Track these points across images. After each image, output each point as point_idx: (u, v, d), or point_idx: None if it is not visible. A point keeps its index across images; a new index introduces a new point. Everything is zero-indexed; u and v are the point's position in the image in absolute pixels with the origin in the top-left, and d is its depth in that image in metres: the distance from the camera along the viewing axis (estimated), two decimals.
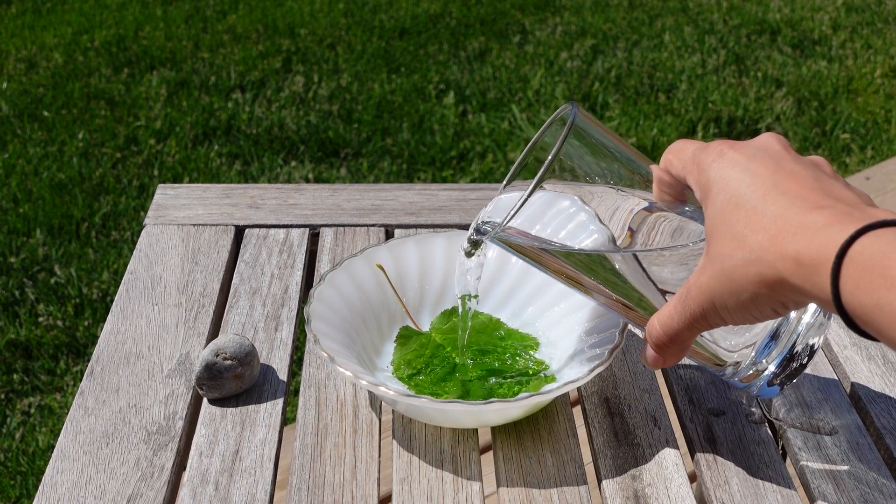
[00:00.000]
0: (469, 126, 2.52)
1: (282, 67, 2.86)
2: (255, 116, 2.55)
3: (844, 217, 0.39)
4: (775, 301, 0.42)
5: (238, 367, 0.56)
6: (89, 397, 0.58)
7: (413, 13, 3.25)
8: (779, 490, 0.52)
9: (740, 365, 0.52)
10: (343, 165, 2.34)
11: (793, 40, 3.08)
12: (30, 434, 1.55)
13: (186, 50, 2.97)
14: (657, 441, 0.55)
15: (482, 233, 0.52)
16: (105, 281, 1.89)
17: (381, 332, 0.60)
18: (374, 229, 0.75)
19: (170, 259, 0.71)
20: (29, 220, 2.09)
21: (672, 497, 0.51)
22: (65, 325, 1.77)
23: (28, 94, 2.67)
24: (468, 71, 2.85)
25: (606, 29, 3.16)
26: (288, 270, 0.70)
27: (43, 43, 3.01)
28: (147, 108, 2.59)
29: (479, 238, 0.52)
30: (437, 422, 0.55)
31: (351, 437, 0.55)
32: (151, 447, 0.54)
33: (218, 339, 0.57)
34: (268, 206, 0.78)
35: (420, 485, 0.52)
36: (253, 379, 0.57)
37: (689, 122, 2.54)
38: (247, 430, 0.55)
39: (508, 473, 0.53)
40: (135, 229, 2.06)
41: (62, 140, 2.43)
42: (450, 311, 0.61)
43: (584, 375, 0.52)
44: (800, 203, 0.41)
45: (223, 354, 0.56)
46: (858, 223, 0.38)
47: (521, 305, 0.62)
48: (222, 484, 0.52)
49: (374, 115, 2.56)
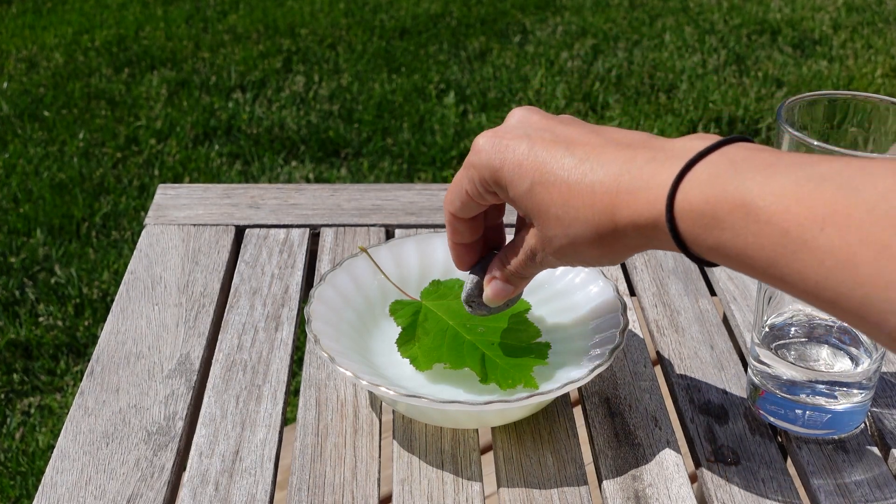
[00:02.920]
0: (469, 126, 2.52)
1: (282, 67, 2.86)
2: (255, 116, 2.55)
3: (653, 164, 0.40)
4: (628, 251, 0.43)
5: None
6: (89, 397, 0.58)
7: (413, 13, 3.25)
8: (780, 490, 0.52)
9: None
10: (343, 165, 2.34)
11: (793, 40, 3.08)
12: (30, 434, 1.55)
13: (187, 50, 2.97)
14: (658, 441, 0.55)
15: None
16: (105, 281, 1.89)
17: (381, 332, 0.60)
18: (374, 229, 0.75)
19: (170, 259, 0.71)
20: (29, 219, 2.09)
21: (673, 497, 0.51)
22: (65, 325, 1.77)
23: (29, 94, 2.67)
24: (469, 71, 2.85)
25: (607, 29, 3.16)
26: (288, 270, 0.70)
27: (43, 43, 3.01)
28: (147, 108, 2.59)
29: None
30: (437, 422, 0.55)
31: (351, 438, 0.55)
32: (151, 447, 0.54)
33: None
34: (268, 206, 0.78)
35: (420, 485, 0.52)
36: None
37: (690, 122, 2.54)
38: (247, 430, 0.55)
39: (509, 474, 0.53)
40: (135, 229, 2.06)
41: (63, 140, 2.43)
42: (437, 281, 0.61)
43: (584, 375, 0.52)
44: (603, 165, 0.42)
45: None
46: (671, 168, 0.39)
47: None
48: (222, 484, 0.52)
49: (374, 114, 2.56)
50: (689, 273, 0.70)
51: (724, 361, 0.61)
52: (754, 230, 0.35)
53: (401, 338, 0.57)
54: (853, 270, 0.32)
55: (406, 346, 0.56)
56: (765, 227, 0.35)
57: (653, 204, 0.39)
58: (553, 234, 0.44)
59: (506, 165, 0.45)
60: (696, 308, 0.66)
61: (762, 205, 0.35)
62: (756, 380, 0.56)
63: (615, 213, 0.41)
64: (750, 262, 0.36)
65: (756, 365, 0.55)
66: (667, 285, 0.69)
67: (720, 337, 0.63)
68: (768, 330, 0.54)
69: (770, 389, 0.55)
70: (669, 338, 0.63)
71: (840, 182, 0.33)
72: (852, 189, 0.33)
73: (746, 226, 0.36)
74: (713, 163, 0.38)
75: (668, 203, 0.38)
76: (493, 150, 0.45)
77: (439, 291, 0.60)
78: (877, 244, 0.31)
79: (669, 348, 0.62)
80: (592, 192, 0.42)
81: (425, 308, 0.58)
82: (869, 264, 0.32)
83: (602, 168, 0.42)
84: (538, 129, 0.45)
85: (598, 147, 0.43)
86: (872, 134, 0.51)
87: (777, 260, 0.35)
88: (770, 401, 0.55)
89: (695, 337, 0.63)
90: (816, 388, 0.53)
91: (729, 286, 0.68)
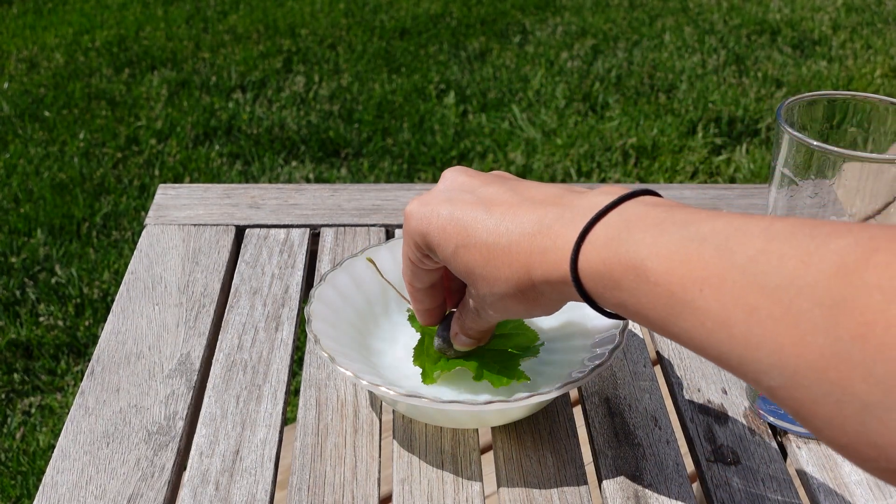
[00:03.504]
0: (469, 126, 2.52)
1: (282, 67, 2.86)
2: (255, 116, 2.55)
3: (560, 223, 0.42)
4: (555, 303, 0.45)
5: None
6: (90, 397, 0.58)
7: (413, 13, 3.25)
8: (779, 490, 0.52)
9: None
10: (343, 165, 2.34)
11: (793, 40, 3.08)
12: (30, 434, 1.55)
13: (187, 50, 2.97)
14: (657, 441, 0.55)
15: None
16: (106, 281, 1.89)
17: (381, 332, 0.60)
18: (374, 229, 0.75)
19: (170, 259, 0.71)
20: (30, 220, 2.09)
21: (672, 497, 0.51)
22: (65, 324, 1.77)
23: (29, 95, 2.67)
24: (468, 71, 2.85)
25: (607, 29, 3.16)
26: (288, 270, 0.70)
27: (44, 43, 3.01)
28: (148, 108, 2.59)
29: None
30: (437, 422, 0.55)
31: (351, 437, 0.55)
32: (152, 447, 0.54)
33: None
34: (268, 206, 0.78)
35: (420, 485, 0.52)
36: None
37: (690, 122, 2.54)
38: (247, 430, 0.55)
39: (509, 473, 0.53)
40: (135, 229, 2.06)
41: (63, 140, 2.43)
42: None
43: (584, 375, 0.52)
44: (519, 225, 0.44)
45: None
46: (574, 229, 0.41)
47: None
48: (222, 484, 0.52)
49: (374, 115, 2.56)
50: None
51: None
52: (645, 290, 0.37)
53: (417, 346, 0.57)
54: (728, 331, 0.33)
55: (418, 356, 0.57)
56: (654, 287, 0.36)
57: (559, 264, 0.41)
58: (483, 292, 0.46)
59: (431, 230, 0.47)
60: None
61: (650, 266, 0.37)
62: None
63: (530, 272, 0.43)
64: (647, 320, 0.38)
65: None
66: None
67: None
68: None
69: None
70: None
71: (717, 243, 0.35)
72: (728, 251, 0.34)
73: (639, 286, 0.37)
74: (610, 224, 0.40)
75: (573, 265, 0.40)
76: (420, 217, 0.48)
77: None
78: (747, 306, 0.32)
79: (669, 348, 0.63)
80: (510, 252, 0.44)
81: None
82: (740, 325, 0.33)
83: (517, 228, 0.44)
84: (462, 191, 0.48)
85: (513, 206, 0.45)
86: (872, 134, 0.51)
87: (668, 319, 0.36)
88: (770, 401, 0.55)
89: None
90: None
91: None
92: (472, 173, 0.49)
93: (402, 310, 0.61)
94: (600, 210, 0.41)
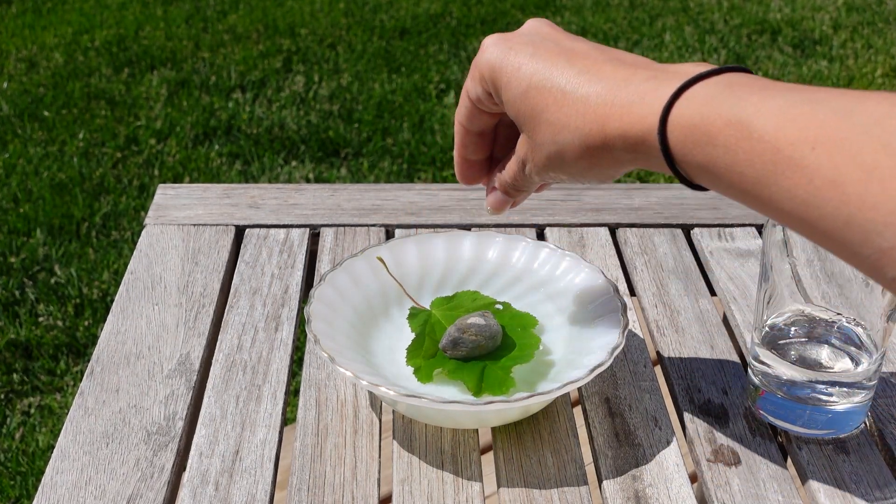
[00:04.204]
0: None
1: (282, 67, 2.86)
2: (255, 116, 2.55)
3: (653, 82, 0.40)
4: (616, 166, 0.43)
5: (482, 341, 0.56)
6: (89, 397, 0.58)
7: (413, 13, 3.25)
8: (780, 490, 0.52)
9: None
10: (343, 165, 2.34)
11: (793, 40, 3.08)
12: (30, 434, 1.55)
13: (187, 50, 2.97)
14: (658, 441, 0.55)
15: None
16: (105, 281, 1.89)
17: (381, 332, 0.60)
18: (374, 229, 0.75)
19: (170, 259, 0.71)
20: (29, 219, 2.09)
21: (673, 497, 0.51)
22: (65, 325, 1.77)
23: (28, 94, 2.67)
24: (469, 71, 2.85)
25: (607, 29, 3.16)
26: (288, 270, 0.70)
27: (43, 43, 3.01)
28: (147, 108, 2.59)
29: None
30: (437, 422, 0.55)
31: (351, 438, 0.55)
32: (151, 447, 0.54)
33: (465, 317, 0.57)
34: (268, 206, 0.78)
35: (420, 485, 0.52)
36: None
37: None
38: (247, 430, 0.55)
39: (509, 474, 0.53)
40: (135, 229, 2.06)
41: (62, 140, 2.43)
42: (449, 297, 0.61)
43: (584, 375, 0.52)
44: (602, 79, 0.42)
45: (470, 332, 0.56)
46: (669, 86, 0.39)
47: (519, 306, 0.62)
48: (222, 484, 0.52)
49: (374, 114, 2.56)
50: (689, 273, 0.70)
51: (724, 361, 0.61)
52: (746, 147, 0.36)
53: (411, 346, 0.57)
54: (840, 190, 0.33)
55: (412, 355, 0.56)
56: (757, 144, 0.35)
57: (645, 117, 0.40)
58: (542, 139, 0.45)
59: (506, 66, 0.45)
60: (696, 308, 0.66)
61: (756, 123, 0.36)
62: (756, 380, 0.56)
63: (606, 124, 0.41)
64: (738, 179, 0.37)
65: (756, 365, 0.55)
66: (667, 285, 0.69)
67: (720, 337, 0.63)
68: (768, 330, 0.54)
69: (770, 389, 0.55)
70: (669, 338, 0.63)
71: (835, 106, 0.34)
72: (846, 113, 0.34)
73: (738, 143, 0.36)
74: (711, 84, 0.39)
75: (662, 117, 0.39)
76: (497, 51, 0.46)
77: (451, 303, 0.60)
78: (865, 165, 0.32)
79: (669, 348, 0.62)
80: (586, 102, 0.42)
81: (434, 318, 0.59)
82: (856, 184, 0.32)
83: (600, 81, 0.42)
84: (545, 39, 0.46)
85: (598, 62, 0.43)
86: None
87: (766, 177, 0.35)
88: (770, 401, 0.55)
89: (695, 337, 0.63)
90: (816, 388, 0.53)
91: (729, 286, 0.68)
92: (556, 27, 0.47)
93: (402, 310, 0.61)
94: (701, 73, 0.39)
